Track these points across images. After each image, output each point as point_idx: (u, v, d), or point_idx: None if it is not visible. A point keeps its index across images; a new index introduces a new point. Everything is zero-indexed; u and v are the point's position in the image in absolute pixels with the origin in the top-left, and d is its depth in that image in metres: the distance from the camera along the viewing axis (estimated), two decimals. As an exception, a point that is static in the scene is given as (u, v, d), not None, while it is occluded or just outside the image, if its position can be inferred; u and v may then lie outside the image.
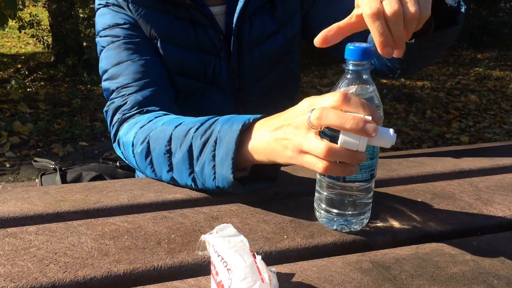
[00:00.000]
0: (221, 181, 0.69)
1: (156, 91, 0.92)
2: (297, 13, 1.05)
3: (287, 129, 0.61)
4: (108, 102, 0.93)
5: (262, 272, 0.48)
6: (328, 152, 0.55)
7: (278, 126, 0.62)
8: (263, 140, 0.64)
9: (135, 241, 0.62)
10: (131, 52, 0.93)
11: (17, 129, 3.63)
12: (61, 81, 5.16)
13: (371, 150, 0.60)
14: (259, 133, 0.65)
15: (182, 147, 0.73)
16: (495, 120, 4.16)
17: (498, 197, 0.78)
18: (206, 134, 0.71)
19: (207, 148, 0.70)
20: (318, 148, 0.55)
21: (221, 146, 0.67)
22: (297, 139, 0.59)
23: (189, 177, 0.73)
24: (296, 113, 0.60)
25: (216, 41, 0.98)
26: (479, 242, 0.64)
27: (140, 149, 0.79)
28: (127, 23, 0.95)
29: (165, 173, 0.77)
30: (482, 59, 6.64)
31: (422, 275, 0.57)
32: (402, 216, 0.70)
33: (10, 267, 0.56)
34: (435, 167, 0.89)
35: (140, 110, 0.88)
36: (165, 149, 0.75)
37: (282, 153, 0.61)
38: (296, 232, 0.65)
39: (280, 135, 0.61)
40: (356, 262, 0.59)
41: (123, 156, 0.89)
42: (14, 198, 0.73)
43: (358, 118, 0.52)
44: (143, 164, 0.80)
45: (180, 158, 0.73)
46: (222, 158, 0.67)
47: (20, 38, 7.78)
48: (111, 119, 0.91)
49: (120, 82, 0.91)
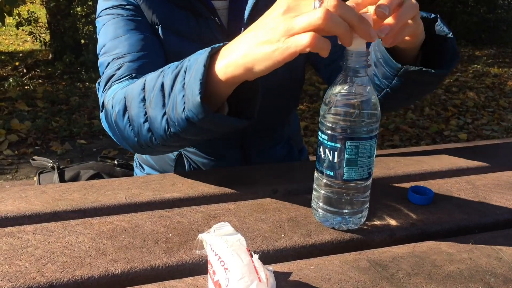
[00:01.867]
0: (189, 109, 0.64)
1: (151, 63, 0.89)
2: None
3: (273, 20, 0.57)
4: (103, 74, 0.90)
5: (259, 271, 0.48)
6: (327, 12, 0.51)
7: (258, 24, 0.59)
8: (241, 42, 0.60)
9: (133, 240, 0.62)
10: (131, 28, 0.92)
11: (15, 127, 3.62)
12: (59, 79, 5.15)
13: (368, 149, 0.60)
14: (233, 45, 0.62)
15: (154, 88, 0.70)
16: (493, 117, 4.16)
17: (495, 195, 0.78)
18: (176, 68, 0.68)
19: (177, 81, 0.66)
20: (316, 12, 0.52)
21: (190, 72, 0.64)
22: (288, 22, 0.55)
23: (163, 119, 0.70)
24: (281, 3, 0.57)
25: (217, 34, 0.97)
26: (476, 240, 0.65)
27: (118, 108, 0.76)
28: (129, 4, 0.94)
29: (141, 123, 0.73)
30: (480, 56, 6.65)
31: (419, 273, 0.57)
32: (399, 215, 0.71)
33: (8, 267, 0.56)
34: (432, 165, 0.89)
35: (131, 75, 0.85)
36: (140, 97, 0.72)
37: (263, 50, 0.57)
38: (294, 230, 0.65)
39: (262, 27, 0.58)
40: (353, 260, 0.59)
41: (107, 125, 0.85)
42: (11, 197, 0.73)
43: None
44: (122, 123, 0.76)
45: (153, 101, 0.70)
46: (190, 83, 0.63)
47: (18, 35, 7.76)
48: (103, 88, 0.88)
49: (116, 53, 0.89)
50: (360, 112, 0.59)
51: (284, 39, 0.55)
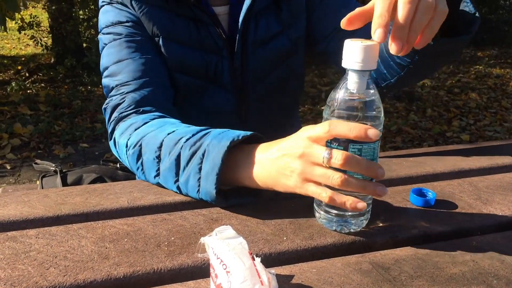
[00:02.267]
0: (204, 194, 0.70)
1: (154, 91, 0.92)
2: (302, 15, 1.05)
3: (291, 158, 0.62)
4: (107, 99, 0.94)
5: (261, 274, 0.48)
6: (343, 181, 0.57)
7: (279, 155, 0.64)
8: (264, 168, 0.66)
9: (135, 244, 0.62)
10: (132, 51, 0.94)
11: (17, 131, 3.63)
12: (61, 83, 5.17)
13: (371, 152, 0.60)
14: (259, 159, 0.67)
15: (170, 155, 0.74)
16: (495, 118, 4.16)
17: (498, 196, 0.78)
18: (195, 145, 0.71)
19: (194, 160, 0.70)
20: (333, 178, 0.58)
21: (208, 160, 0.68)
22: (305, 169, 0.60)
23: (174, 185, 0.74)
24: (297, 145, 0.62)
25: (218, 40, 0.98)
26: (478, 242, 0.64)
27: (132, 151, 0.80)
28: (129, 21, 0.96)
29: (152, 177, 0.78)
30: (482, 57, 6.64)
31: (421, 275, 0.57)
32: (401, 217, 0.70)
33: (11, 271, 0.56)
34: (434, 167, 0.89)
35: (137, 109, 0.89)
36: (155, 154, 0.76)
37: (283, 181, 0.64)
38: (296, 233, 0.65)
39: (283, 164, 0.63)
40: (355, 263, 0.59)
41: (117, 155, 0.90)
42: (14, 202, 0.73)
43: (361, 126, 0.56)
44: (135, 166, 0.81)
45: (168, 166, 0.74)
46: (207, 172, 0.68)
47: (20, 39, 7.79)
48: (109, 116, 0.92)
49: (120, 79, 0.92)
50: (363, 115, 0.59)
51: (303, 183, 0.62)
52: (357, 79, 0.58)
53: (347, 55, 0.57)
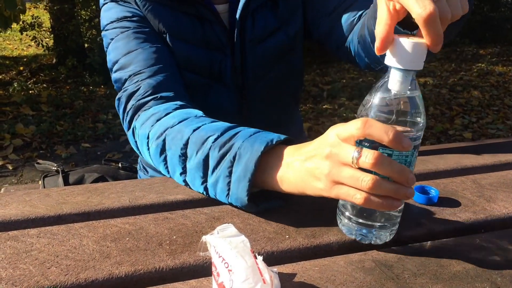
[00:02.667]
0: (234, 199, 0.68)
1: (168, 76, 0.90)
2: (299, 10, 1.05)
3: (319, 159, 0.58)
4: (121, 90, 0.91)
5: (263, 273, 0.48)
6: (375, 184, 0.52)
7: (307, 156, 0.60)
8: (293, 171, 0.62)
9: (137, 242, 0.62)
10: (141, 41, 0.92)
11: (19, 131, 3.63)
12: (63, 83, 5.17)
13: (403, 160, 0.55)
14: (288, 161, 0.63)
15: (198, 154, 0.71)
16: (498, 115, 4.14)
17: (501, 194, 0.78)
18: (225, 147, 0.68)
19: (224, 163, 0.68)
20: (363, 180, 0.53)
21: (240, 164, 0.65)
22: (332, 170, 0.56)
23: (201, 186, 0.72)
24: (325, 143, 0.58)
25: (222, 37, 0.98)
26: (482, 239, 0.64)
27: (156, 144, 0.78)
28: (135, 15, 0.95)
29: (178, 174, 0.76)
30: (484, 54, 6.62)
31: (425, 273, 0.56)
32: (404, 214, 0.70)
33: (12, 271, 0.56)
34: (437, 164, 0.89)
35: (155, 96, 0.86)
36: (181, 151, 0.73)
37: (313, 184, 0.59)
38: (298, 231, 0.65)
39: (312, 165, 0.59)
40: (358, 261, 0.59)
41: (136, 146, 0.87)
42: (15, 201, 0.73)
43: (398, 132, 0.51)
44: (157, 160, 0.79)
45: (195, 165, 0.72)
46: (239, 177, 0.65)
47: (22, 40, 7.80)
48: (124, 106, 0.89)
49: (132, 70, 0.90)
50: (400, 119, 0.54)
51: (332, 186, 0.57)
52: (400, 78, 0.52)
53: (392, 51, 0.52)
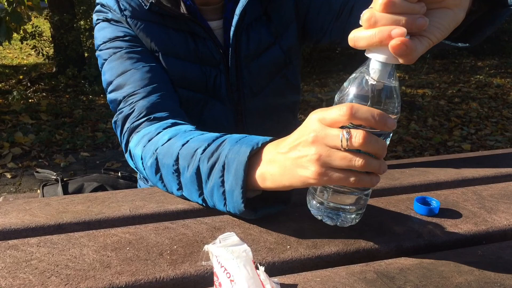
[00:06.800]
0: (232, 208, 0.67)
1: (162, 96, 0.91)
2: (292, 24, 1.05)
3: (304, 147, 0.56)
4: (117, 112, 0.92)
5: (264, 284, 0.48)
6: (366, 162, 0.53)
7: (291, 147, 0.59)
8: (277, 165, 0.61)
9: (137, 252, 0.62)
10: (134, 61, 0.93)
11: (19, 140, 3.63)
12: (62, 92, 5.18)
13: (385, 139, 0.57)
14: (269, 157, 0.63)
15: (189, 168, 0.71)
16: (496, 127, 4.16)
17: (502, 205, 0.77)
18: (213, 157, 0.68)
19: (214, 173, 0.68)
20: (356, 160, 0.53)
21: (230, 173, 0.65)
22: (322, 154, 0.55)
23: (199, 198, 0.72)
24: (308, 130, 0.56)
25: (215, 54, 0.98)
26: (484, 251, 0.64)
27: (149, 163, 0.79)
28: (127, 35, 0.95)
29: (175, 190, 0.76)
30: (482, 66, 6.65)
31: (427, 285, 0.56)
32: (405, 226, 0.70)
33: (12, 280, 0.55)
34: (438, 175, 0.89)
35: (148, 117, 0.87)
36: (173, 168, 0.74)
37: (300, 173, 0.57)
38: (299, 242, 0.65)
39: (297, 154, 0.57)
40: (360, 272, 0.58)
41: (135, 167, 0.88)
42: (15, 210, 0.73)
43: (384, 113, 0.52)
44: (154, 178, 0.79)
45: (189, 179, 0.72)
46: (231, 185, 0.65)
47: (22, 49, 7.83)
48: (121, 129, 0.90)
49: (126, 91, 0.91)
50: (372, 106, 0.54)
51: (322, 171, 0.55)
52: (379, 67, 0.53)
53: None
